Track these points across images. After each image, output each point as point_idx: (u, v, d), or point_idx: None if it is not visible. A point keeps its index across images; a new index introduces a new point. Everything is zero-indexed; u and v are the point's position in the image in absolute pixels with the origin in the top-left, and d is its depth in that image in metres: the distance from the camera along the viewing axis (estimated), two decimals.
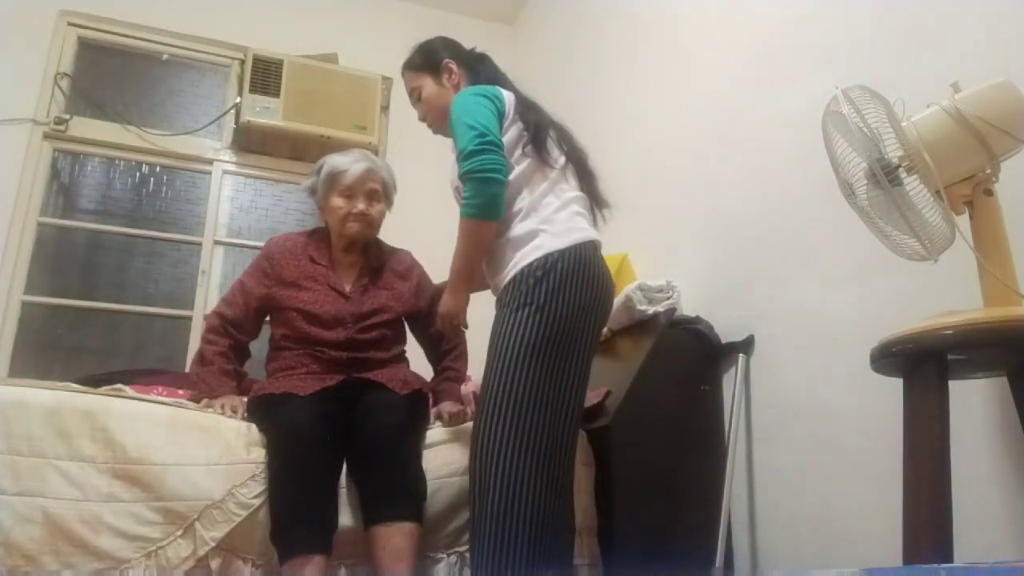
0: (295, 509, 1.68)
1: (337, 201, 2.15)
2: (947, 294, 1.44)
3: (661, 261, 2.68)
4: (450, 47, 2.09)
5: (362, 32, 4.06)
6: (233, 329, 2.11)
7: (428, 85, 2.02)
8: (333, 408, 1.87)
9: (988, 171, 1.34)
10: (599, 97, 3.37)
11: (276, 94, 3.59)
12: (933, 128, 1.34)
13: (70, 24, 3.58)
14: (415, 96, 2.05)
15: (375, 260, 2.21)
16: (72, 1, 3.56)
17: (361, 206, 2.13)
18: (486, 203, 1.69)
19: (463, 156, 1.70)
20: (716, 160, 2.51)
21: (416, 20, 4.22)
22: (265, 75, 3.60)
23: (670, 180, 2.76)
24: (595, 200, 1.95)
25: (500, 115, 1.80)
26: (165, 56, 3.76)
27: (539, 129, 1.84)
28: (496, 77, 2.04)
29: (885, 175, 1.31)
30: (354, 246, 2.19)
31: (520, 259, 1.72)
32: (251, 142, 3.69)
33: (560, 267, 1.69)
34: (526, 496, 1.53)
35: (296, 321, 2.05)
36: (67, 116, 3.43)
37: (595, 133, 3.36)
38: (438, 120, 2.01)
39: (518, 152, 1.81)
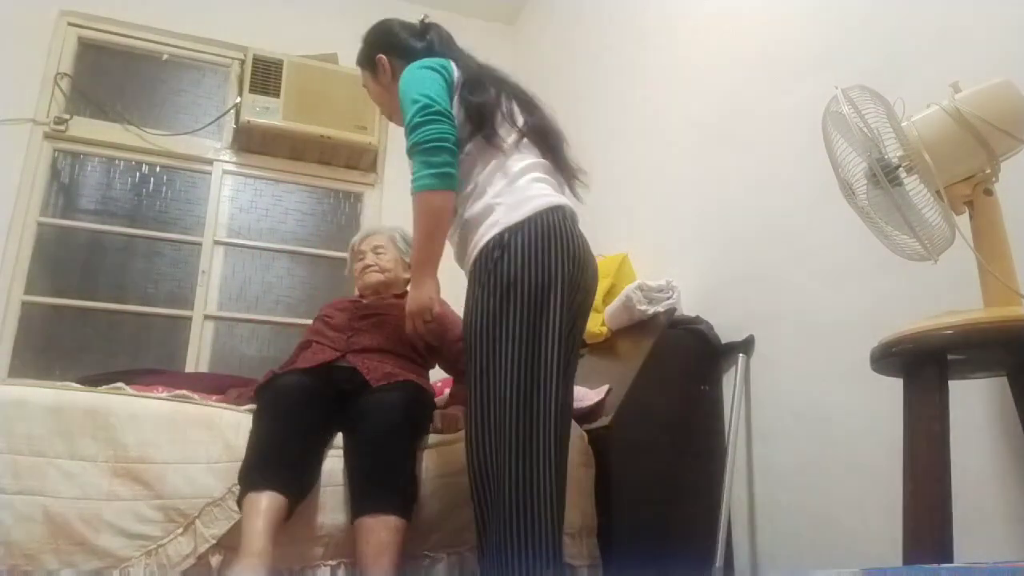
0: (260, 450, 1.72)
1: (356, 266, 2.41)
2: (947, 294, 1.45)
3: (661, 261, 2.68)
4: (384, 36, 2.02)
5: (362, 32, 4.05)
6: None
7: (369, 82, 2.02)
8: (322, 382, 1.95)
9: (988, 171, 1.34)
10: (599, 97, 3.37)
11: (276, 94, 3.59)
12: (933, 128, 1.34)
13: (70, 24, 3.58)
14: (368, 94, 2.05)
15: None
16: (72, 1, 3.56)
17: (369, 260, 2.36)
18: (436, 172, 1.60)
19: (409, 129, 1.64)
20: (716, 160, 2.51)
21: (416, 20, 4.22)
22: (265, 75, 3.60)
23: (670, 180, 2.76)
24: (562, 167, 1.80)
25: (449, 85, 1.72)
26: (165, 56, 3.76)
27: (483, 106, 1.72)
28: (442, 51, 1.91)
29: (885, 175, 1.32)
30: (379, 296, 2.34)
31: (479, 239, 1.62)
32: (251, 142, 3.69)
33: (519, 241, 1.56)
34: (508, 484, 1.47)
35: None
36: (67, 116, 3.43)
37: (595, 133, 3.37)
38: (392, 114, 1.95)
39: (469, 128, 1.71)
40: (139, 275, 3.52)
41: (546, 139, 1.80)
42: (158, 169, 3.65)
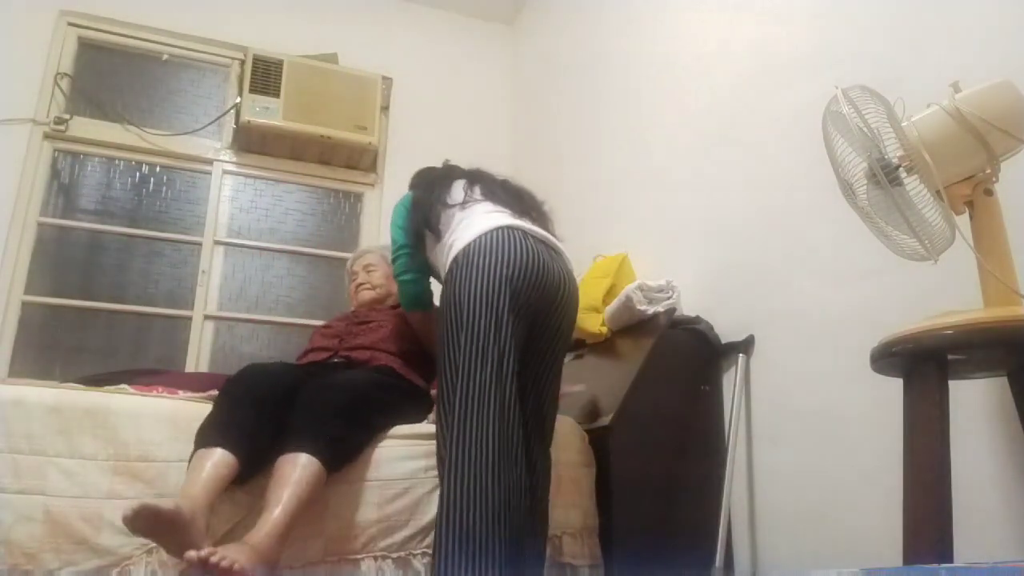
0: (215, 415, 1.72)
1: (351, 287, 2.58)
2: (947, 294, 1.45)
3: (661, 261, 2.68)
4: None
5: (362, 32, 4.06)
6: None
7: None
8: (305, 374, 1.97)
9: (988, 171, 1.34)
10: (598, 97, 3.38)
11: (276, 94, 3.59)
12: (933, 128, 1.34)
13: (70, 24, 3.58)
14: None
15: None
16: (72, 1, 3.56)
17: (361, 278, 2.52)
18: (406, 301, 2.13)
19: (393, 263, 2.12)
20: (716, 160, 2.51)
21: (416, 20, 4.23)
22: (265, 75, 3.60)
23: (670, 180, 2.77)
24: (520, 212, 1.98)
25: (407, 212, 2.08)
26: (165, 56, 3.76)
27: (424, 206, 2.03)
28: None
29: (885, 175, 1.32)
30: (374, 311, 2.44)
31: (442, 269, 1.90)
32: (251, 142, 3.69)
33: (466, 258, 1.75)
34: (443, 488, 1.57)
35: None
36: (67, 116, 3.43)
37: (595, 132, 3.37)
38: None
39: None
40: (139, 275, 3.52)
41: (497, 196, 2.01)
42: (158, 169, 3.65)
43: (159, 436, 1.70)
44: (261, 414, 1.74)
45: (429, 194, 2.05)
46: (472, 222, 1.87)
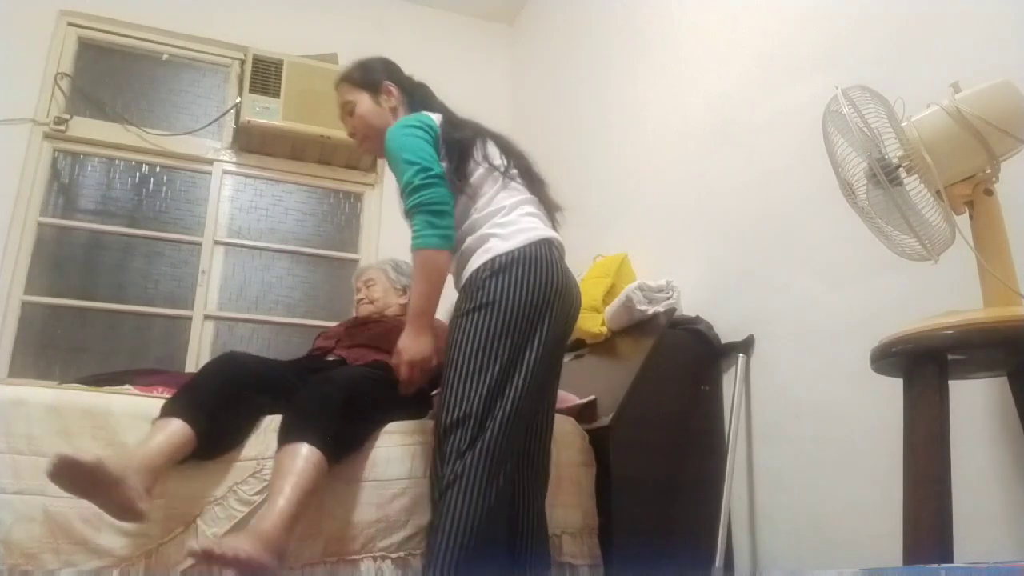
0: (181, 390, 1.72)
1: (355, 301, 2.56)
2: (947, 294, 1.44)
3: (661, 261, 2.68)
4: (392, 70, 2.10)
5: (362, 32, 4.06)
6: None
7: (364, 101, 2.01)
8: (290, 372, 1.97)
9: (988, 171, 1.34)
10: (598, 97, 3.38)
11: (276, 94, 3.59)
12: (933, 128, 1.34)
13: (70, 24, 3.58)
14: (347, 110, 2.03)
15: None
16: (72, 1, 3.56)
17: (362, 293, 2.51)
18: (440, 233, 1.72)
19: (411, 190, 1.73)
20: (716, 160, 2.51)
21: (416, 20, 4.23)
22: (265, 75, 3.61)
23: (670, 180, 2.77)
24: (546, 204, 1.92)
25: (435, 142, 1.82)
26: (165, 56, 3.76)
27: (464, 145, 1.84)
28: (430, 104, 2.03)
29: (885, 175, 1.32)
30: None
31: (471, 264, 1.74)
32: (251, 142, 3.69)
33: (508, 267, 1.68)
34: (472, 505, 1.53)
35: None
36: (67, 116, 3.43)
37: (595, 133, 3.37)
38: (370, 138, 2.00)
39: (452, 165, 1.82)
40: (139, 275, 3.52)
41: (530, 178, 1.91)
42: (158, 169, 3.65)
43: None
44: (224, 392, 1.74)
45: (461, 134, 1.87)
46: (512, 221, 1.77)
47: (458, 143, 1.84)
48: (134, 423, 1.70)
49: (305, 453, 1.62)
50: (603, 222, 3.16)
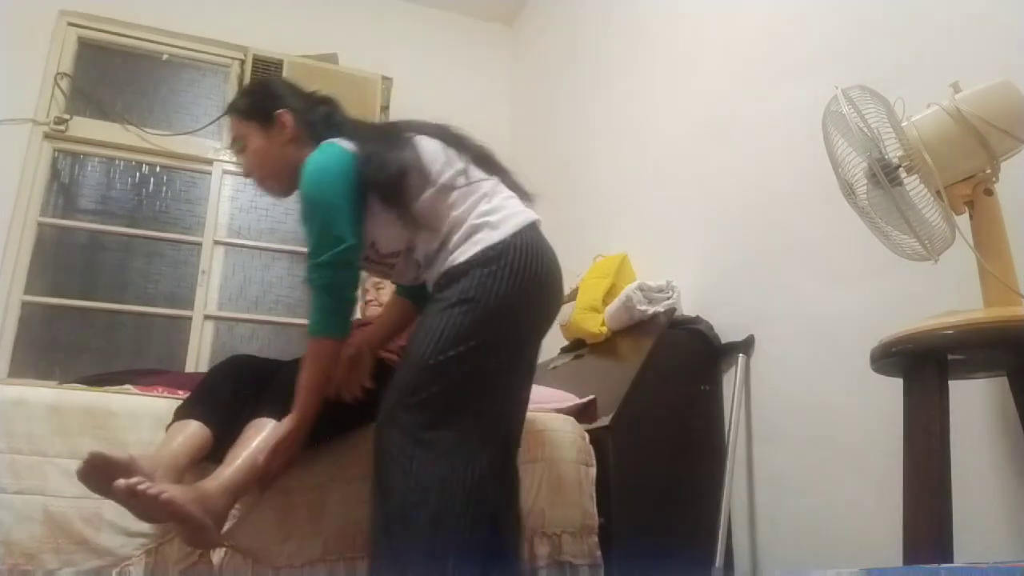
0: (195, 392, 1.71)
1: (361, 304, 2.50)
2: (947, 294, 1.45)
3: (661, 261, 2.68)
4: (283, 94, 1.80)
5: (362, 32, 4.06)
6: None
7: (255, 136, 1.74)
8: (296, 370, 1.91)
9: (988, 171, 1.34)
10: (598, 97, 3.37)
11: None
12: (933, 128, 1.34)
13: (70, 24, 3.58)
14: (237, 147, 1.79)
15: None
16: (72, 1, 3.56)
17: (371, 295, 2.49)
18: (342, 323, 1.62)
19: (317, 266, 1.58)
20: (716, 160, 2.51)
21: (416, 20, 4.23)
22: (265, 75, 3.60)
23: (670, 180, 2.77)
24: (515, 190, 1.76)
25: (351, 189, 1.60)
26: (165, 56, 3.76)
27: (391, 180, 1.61)
28: (337, 125, 1.76)
29: (885, 175, 1.32)
30: None
31: (457, 257, 1.59)
32: None
33: (499, 258, 1.57)
34: (438, 512, 1.44)
35: None
36: (67, 116, 3.43)
37: (594, 133, 3.37)
38: (268, 178, 1.77)
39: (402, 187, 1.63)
40: (139, 275, 3.52)
41: (491, 166, 1.76)
42: (158, 169, 3.65)
43: (159, 436, 1.70)
44: (239, 391, 1.73)
45: (385, 173, 1.61)
46: (497, 208, 1.64)
47: (384, 181, 1.61)
48: (134, 423, 1.70)
49: (269, 428, 1.61)
50: (603, 222, 3.16)
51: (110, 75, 3.65)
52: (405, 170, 1.62)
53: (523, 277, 1.58)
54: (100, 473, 1.37)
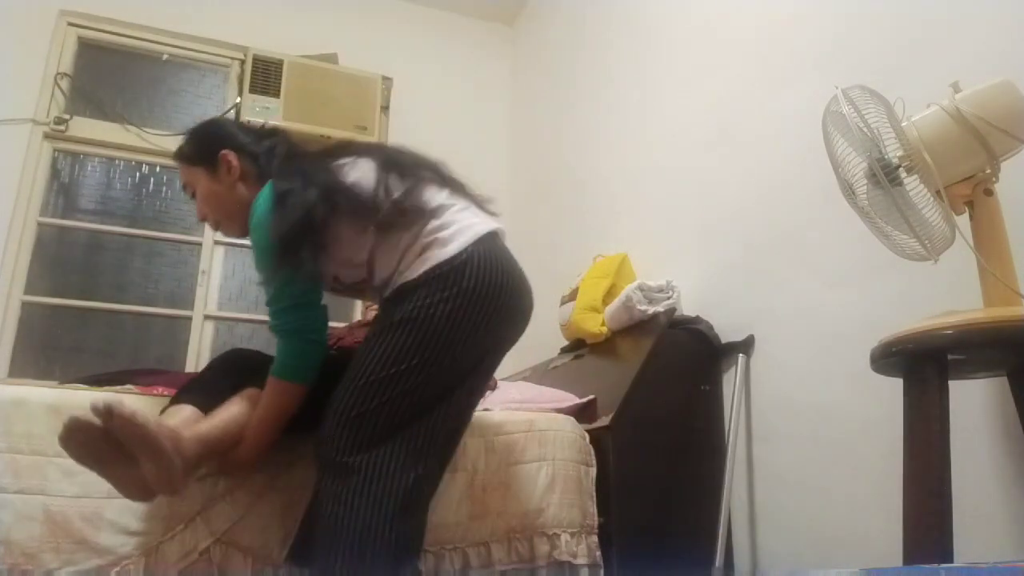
0: (191, 382, 1.72)
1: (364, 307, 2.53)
2: (947, 294, 1.45)
3: (661, 261, 2.68)
4: (227, 133, 1.79)
5: (362, 32, 4.06)
6: None
7: (203, 181, 1.75)
8: None
9: (988, 171, 1.35)
10: (599, 97, 3.38)
11: (276, 94, 3.59)
12: (933, 128, 1.34)
13: (70, 24, 3.58)
14: (189, 192, 1.80)
15: None
16: (72, 1, 3.56)
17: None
18: (310, 366, 1.62)
19: (279, 311, 1.61)
20: (716, 160, 2.51)
21: (416, 20, 4.23)
22: (265, 75, 3.61)
23: (670, 180, 2.77)
24: (474, 201, 1.73)
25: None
26: (165, 56, 3.76)
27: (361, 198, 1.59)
28: (286, 160, 1.73)
29: (885, 175, 1.32)
30: None
31: (409, 273, 1.57)
32: None
33: (448, 275, 1.53)
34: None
35: None
36: (67, 116, 3.43)
37: (594, 133, 3.37)
38: (223, 220, 1.77)
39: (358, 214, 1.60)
40: (139, 275, 3.52)
41: (444, 182, 1.71)
42: (158, 169, 3.65)
43: None
44: (234, 384, 1.72)
45: (308, 187, 1.57)
46: (448, 223, 1.60)
47: (302, 220, 1.55)
48: None
49: (251, 394, 1.63)
50: (603, 222, 3.16)
51: (110, 75, 3.65)
52: (319, 204, 1.56)
53: (476, 292, 1.54)
54: (79, 439, 1.38)
